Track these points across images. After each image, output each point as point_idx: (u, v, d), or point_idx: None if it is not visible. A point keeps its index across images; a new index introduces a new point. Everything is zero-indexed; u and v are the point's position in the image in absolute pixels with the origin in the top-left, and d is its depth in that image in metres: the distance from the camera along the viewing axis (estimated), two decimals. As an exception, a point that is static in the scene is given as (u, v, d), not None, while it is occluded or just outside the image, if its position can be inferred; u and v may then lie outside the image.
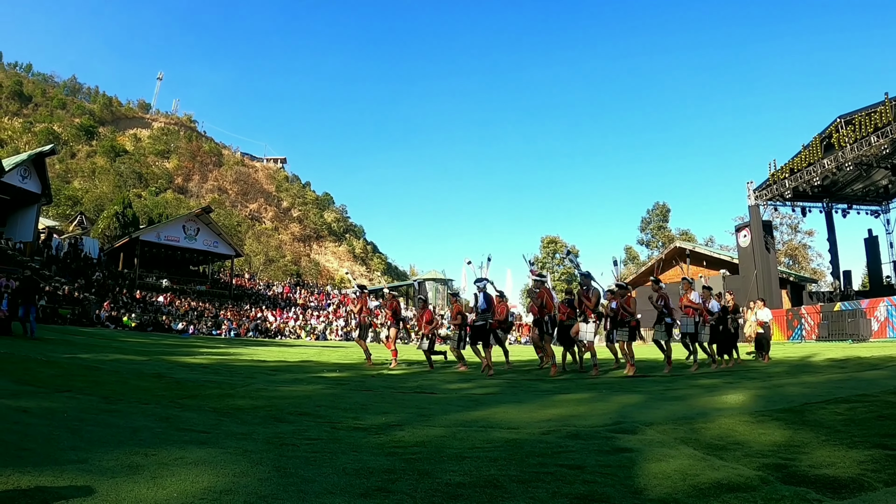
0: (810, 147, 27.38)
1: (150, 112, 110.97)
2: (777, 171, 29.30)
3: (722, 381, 9.27)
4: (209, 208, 52.13)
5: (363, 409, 6.35)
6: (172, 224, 46.97)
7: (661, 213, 70.74)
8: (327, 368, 12.82)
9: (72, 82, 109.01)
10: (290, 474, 3.40)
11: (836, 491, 3.07)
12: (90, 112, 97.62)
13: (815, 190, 28.57)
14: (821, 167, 26.55)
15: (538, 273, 13.92)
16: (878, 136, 23.28)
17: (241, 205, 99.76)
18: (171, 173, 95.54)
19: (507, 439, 4.65)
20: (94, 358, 11.56)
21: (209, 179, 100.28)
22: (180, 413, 5.58)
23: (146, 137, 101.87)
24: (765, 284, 29.21)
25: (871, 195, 32.74)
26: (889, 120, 22.71)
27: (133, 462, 3.50)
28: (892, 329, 21.35)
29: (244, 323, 40.24)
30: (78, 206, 66.53)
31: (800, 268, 55.21)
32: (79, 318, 30.86)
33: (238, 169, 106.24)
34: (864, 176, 30.01)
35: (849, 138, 24.72)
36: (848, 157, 24.94)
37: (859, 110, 24.52)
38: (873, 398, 6.47)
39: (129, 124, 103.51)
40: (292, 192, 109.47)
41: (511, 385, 9.62)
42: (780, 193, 29.32)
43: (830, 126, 26.19)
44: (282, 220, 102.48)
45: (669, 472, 3.55)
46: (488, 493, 3.10)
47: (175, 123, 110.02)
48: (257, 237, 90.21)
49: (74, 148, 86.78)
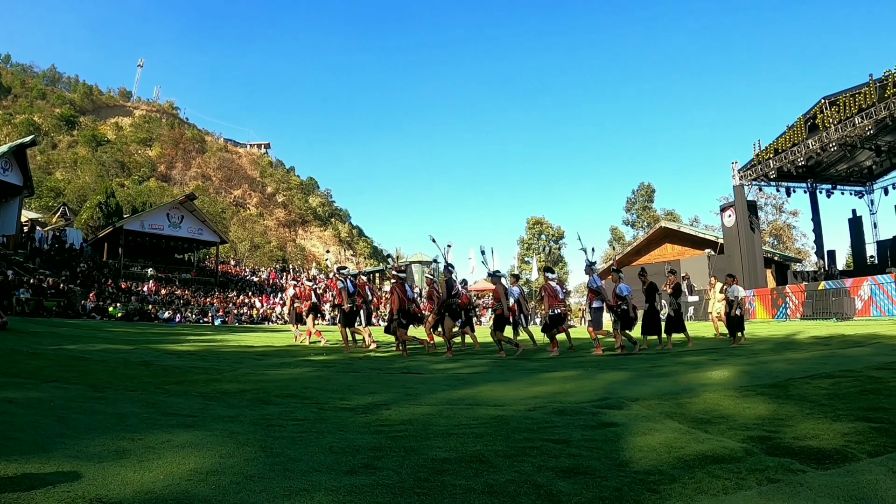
0: (795, 128, 27.51)
1: (132, 100, 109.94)
2: (762, 151, 29.44)
3: (707, 359, 9.37)
4: (193, 195, 51.82)
5: (350, 390, 6.36)
6: (156, 212, 46.73)
7: (646, 194, 71.10)
8: (314, 352, 12.82)
9: (51, 72, 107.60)
10: (276, 454, 3.40)
11: (820, 462, 3.10)
12: (70, 102, 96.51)
13: (799, 170, 28.74)
14: (805, 147, 26.70)
15: (399, 268, 14.51)
16: (863, 118, 23.43)
17: (226, 191, 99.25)
18: (153, 161, 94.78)
19: (493, 416, 4.67)
20: (81, 349, 11.48)
21: (192, 166, 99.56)
22: (167, 399, 5.56)
23: (128, 126, 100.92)
24: (749, 264, 29.45)
25: (856, 176, 32.99)
26: (873, 101, 22.85)
27: (120, 447, 3.49)
28: (875, 308, 21.59)
29: (231, 310, 40.14)
30: (61, 197, 65.94)
31: (784, 247, 55.67)
32: (64, 309, 30.67)
33: (221, 155, 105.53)
34: (849, 157, 30.24)
35: (833, 119, 24.87)
36: (832, 138, 25.10)
37: (844, 91, 24.62)
38: (857, 373, 6.55)
39: (111, 113, 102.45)
40: (276, 177, 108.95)
41: (498, 364, 9.67)
42: (765, 173, 29.47)
43: (815, 107, 26.31)
44: (266, 206, 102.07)
45: (654, 445, 3.58)
46: (474, 467, 3.11)
47: (157, 111, 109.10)
48: (242, 223, 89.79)
49: (55, 138, 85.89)
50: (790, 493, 2.63)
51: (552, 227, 71.50)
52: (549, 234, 71.12)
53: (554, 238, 71.35)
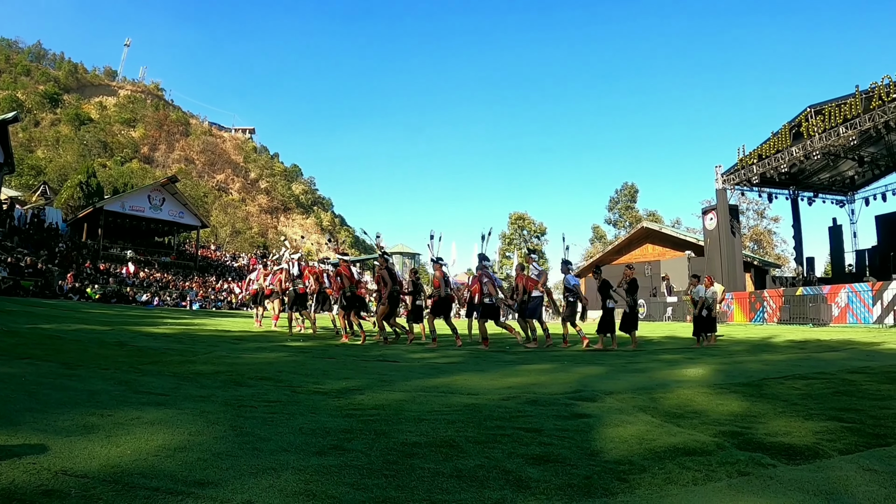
0: (779, 134, 27.64)
1: (117, 79, 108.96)
2: (745, 156, 29.56)
3: (683, 357, 9.43)
4: (175, 178, 51.37)
5: (324, 375, 6.32)
6: (137, 194, 46.30)
7: (629, 194, 71.31)
8: (291, 338, 12.79)
9: (37, 48, 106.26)
10: (246, 433, 3.37)
11: (792, 457, 3.10)
12: (55, 79, 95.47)
13: (782, 176, 28.91)
14: (789, 154, 26.83)
15: (341, 251, 14.73)
16: (847, 128, 23.58)
17: (208, 175, 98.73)
18: (136, 143, 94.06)
19: (466, 404, 4.66)
20: (56, 328, 11.37)
21: (176, 149, 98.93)
22: (140, 377, 5.50)
23: (112, 105, 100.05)
24: (729, 267, 29.63)
25: (837, 185, 33.26)
26: (858, 112, 22.99)
27: (89, 422, 3.45)
28: (851, 315, 21.79)
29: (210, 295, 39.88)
30: (41, 175, 65.36)
31: (764, 252, 56.09)
32: (42, 289, 30.37)
33: (206, 139, 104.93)
34: (831, 166, 30.49)
35: (818, 128, 24.99)
36: (816, 147, 25.24)
37: (829, 101, 24.76)
38: (831, 375, 6.61)
39: (95, 92, 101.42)
40: (260, 163, 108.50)
41: (474, 356, 9.66)
42: (748, 178, 29.61)
43: (800, 115, 26.45)
44: (249, 192, 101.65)
45: (626, 436, 3.58)
46: (444, 451, 3.10)
47: (142, 91, 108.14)
48: (224, 208, 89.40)
49: (38, 116, 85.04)
50: (760, 486, 2.64)
51: (534, 223, 71.52)
52: (531, 229, 71.11)
53: (536, 234, 71.37)
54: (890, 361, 8.23)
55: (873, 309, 20.95)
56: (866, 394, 5.30)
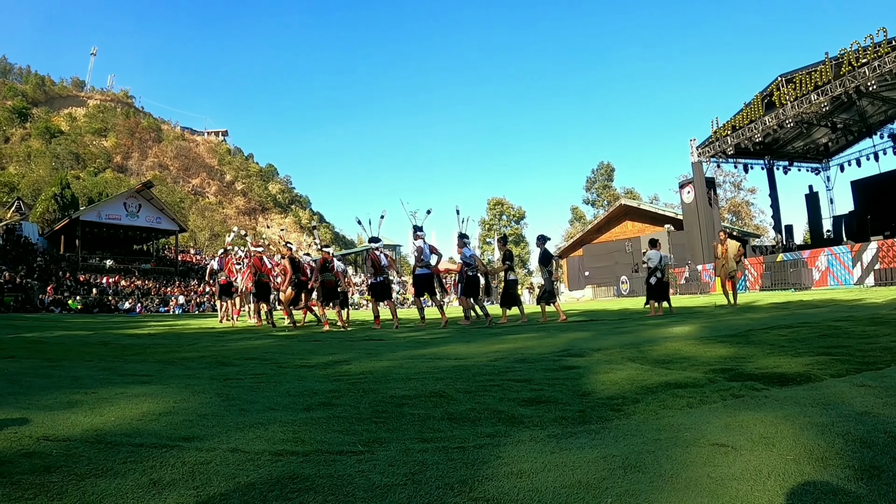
0: (752, 105, 27.80)
1: (85, 90, 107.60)
2: (719, 128, 29.74)
3: (669, 320, 9.49)
4: (150, 183, 50.88)
5: (310, 353, 6.27)
6: (113, 201, 45.71)
7: (605, 173, 71.55)
8: (276, 329, 12.72)
9: (2, 63, 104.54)
10: (232, 398, 3.33)
11: (784, 383, 3.13)
12: (22, 93, 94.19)
13: (756, 147, 29.08)
14: (762, 124, 26.99)
15: (257, 244, 14.94)
16: (818, 94, 23.76)
17: (184, 180, 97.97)
18: (109, 152, 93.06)
19: (454, 366, 4.63)
20: (39, 336, 11.19)
21: (149, 156, 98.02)
22: (124, 365, 5.43)
23: (82, 116, 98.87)
24: (708, 239, 29.80)
25: (812, 153, 33.53)
26: (829, 79, 23.17)
27: (72, 399, 3.38)
28: (832, 278, 22.03)
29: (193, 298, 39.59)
30: (15, 192, 64.38)
31: (743, 224, 56.56)
32: (22, 304, 30.04)
33: (179, 144, 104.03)
34: (805, 133, 30.73)
35: (790, 96, 25.16)
36: (789, 115, 25.41)
37: (800, 69, 24.92)
38: (816, 324, 6.71)
39: (64, 103, 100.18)
40: (235, 164, 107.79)
41: (461, 331, 9.68)
42: (723, 150, 29.78)
43: (772, 84, 26.61)
44: (226, 194, 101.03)
45: (617, 379, 3.57)
46: (434, 400, 3.08)
47: (111, 100, 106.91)
48: (201, 212, 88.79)
49: (7, 132, 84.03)
50: (755, 405, 2.65)
51: (513, 208, 71.60)
52: (510, 214, 71.20)
53: (515, 218, 71.44)
54: (873, 312, 8.32)
55: (853, 270, 21.20)
56: (852, 335, 5.34)
